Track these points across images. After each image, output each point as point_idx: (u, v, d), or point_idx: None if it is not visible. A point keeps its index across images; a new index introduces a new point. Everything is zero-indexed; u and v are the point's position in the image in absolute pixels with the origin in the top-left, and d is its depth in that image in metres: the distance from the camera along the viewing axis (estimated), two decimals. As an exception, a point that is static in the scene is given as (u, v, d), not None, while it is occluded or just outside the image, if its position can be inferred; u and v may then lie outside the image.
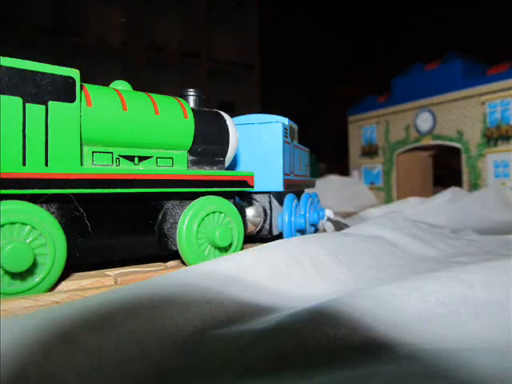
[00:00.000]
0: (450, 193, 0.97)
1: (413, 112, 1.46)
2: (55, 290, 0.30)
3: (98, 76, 1.90)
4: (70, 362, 0.17)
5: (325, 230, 0.63)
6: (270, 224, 0.48)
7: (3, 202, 0.26)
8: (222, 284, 0.27)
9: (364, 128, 1.68)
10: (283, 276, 0.32)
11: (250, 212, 0.47)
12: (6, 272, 0.26)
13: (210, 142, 0.39)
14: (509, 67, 1.19)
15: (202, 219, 0.36)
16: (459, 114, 1.31)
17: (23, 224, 0.26)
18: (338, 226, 0.62)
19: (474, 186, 1.25)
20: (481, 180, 1.25)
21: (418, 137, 1.46)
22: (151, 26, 2.03)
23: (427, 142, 1.43)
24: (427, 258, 0.45)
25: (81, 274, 0.34)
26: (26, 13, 1.68)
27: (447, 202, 0.90)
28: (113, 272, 0.35)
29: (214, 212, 0.37)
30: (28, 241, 0.26)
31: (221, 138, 0.40)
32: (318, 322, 0.22)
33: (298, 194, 0.61)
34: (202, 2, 2.12)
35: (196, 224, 0.35)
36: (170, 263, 0.40)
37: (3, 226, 0.25)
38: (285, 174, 0.50)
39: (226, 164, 0.41)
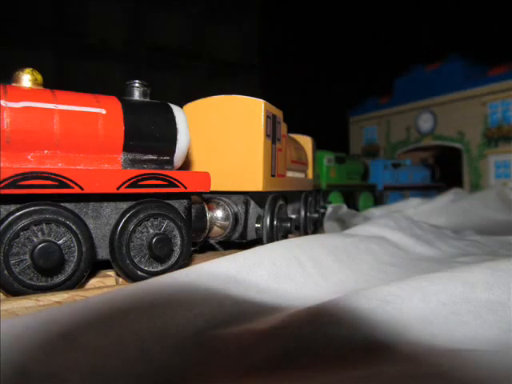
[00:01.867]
0: (452, 193, 0.97)
1: (414, 113, 1.46)
2: (56, 291, 0.30)
3: (98, 76, 1.91)
4: (71, 362, 0.17)
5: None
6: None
7: None
8: (223, 284, 0.27)
9: (365, 129, 1.68)
10: (284, 276, 0.32)
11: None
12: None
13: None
14: (509, 68, 1.19)
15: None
16: (460, 114, 1.31)
17: None
18: (342, 225, 0.62)
19: (475, 187, 1.25)
20: (482, 180, 1.25)
21: (418, 137, 1.46)
22: (152, 26, 2.03)
23: (428, 142, 1.43)
24: (428, 258, 0.45)
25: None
26: (26, 13, 1.69)
27: (449, 203, 0.90)
28: (114, 272, 0.35)
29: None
30: None
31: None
32: (319, 322, 0.22)
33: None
34: (202, 3, 2.12)
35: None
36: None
37: None
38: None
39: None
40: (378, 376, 0.17)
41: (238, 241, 0.45)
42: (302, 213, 0.60)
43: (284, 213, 0.51)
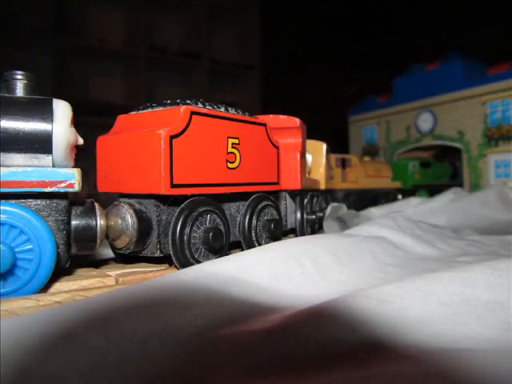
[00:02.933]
0: (452, 193, 0.97)
1: (413, 112, 1.46)
2: (57, 290, 0.30)
3: (99, 76, 1.91)
4: (71, 362, 0.17)
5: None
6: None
7: None
8: (223, 284, 0.27)
9: (365, 128, 1.68)
10: (284, 276, 0.32)
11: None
12: None
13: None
14: (509, 67, 1.19)
15: None
16: (460, 114, 1.31)
17: None
18: (342, 225, 0.62)
19: (475, 187, 1.25)
20: (482, 180, 1.25)
21: (418, 137, 1.46)
22: (152, 26, 2.03)
23: (428, 142, 1.43)
24: (428, 258, 0.45)
25: (82, 274, 0.34)
26: (26, 13, 1.69)
27: (448, 202, 0.90)
28: (114, 272, 0.35)
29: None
30: None
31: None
32: (319, 322, 0.22)
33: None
34: (202, 3, 2.12)
35: None
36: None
37: None
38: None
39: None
40: (378, 376, 0.17)
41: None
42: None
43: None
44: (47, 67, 1.76)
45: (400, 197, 1.14)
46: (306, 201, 0.59)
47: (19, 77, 0.31)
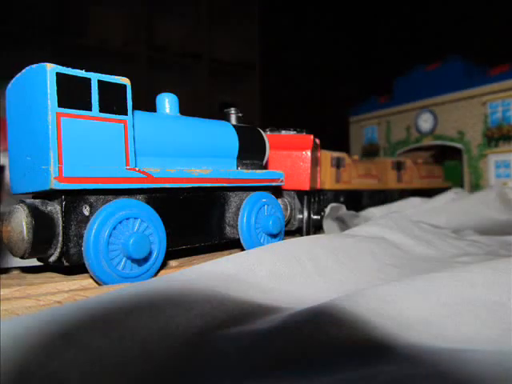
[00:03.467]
0: (452, 193, 0.97)
1: (414, 112, 1.46)
2: (56, 290, 0.30)
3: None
4: (71, 362, 0.17)
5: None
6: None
7: None
8: (223, 284, 0.27)
9: (365, 128, 1.68)
10: (284, 276, 0.32)
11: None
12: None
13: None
14: (510, 67, 1.19)
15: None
16: (460, 114, 1.31)
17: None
18: (342, 225, 0.62)
19: (476, 187, 1.25)
20: (482, 180, 1.25)
21: (418, 137, 1.46)
22: (152, 26, 2.03)
23: (428, 142, 1.43)
24: (428, 258, 0.45)
25: (82, 273, 0.34)
26: (26, 13, 1.69)
27: (448, 202, 0.90)
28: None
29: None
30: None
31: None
32: (319, 322, 0.22)
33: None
34: (202, 3, 2.12)
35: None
36: (172, 263, 0.40)
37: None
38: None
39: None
40: (378, 376, 0.17)
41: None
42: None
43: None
44: (47, 67, 1.75)
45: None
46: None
47: (232, 112, 0.50)
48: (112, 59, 1.97)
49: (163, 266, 0.37)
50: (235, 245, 0.46)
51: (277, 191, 0.53)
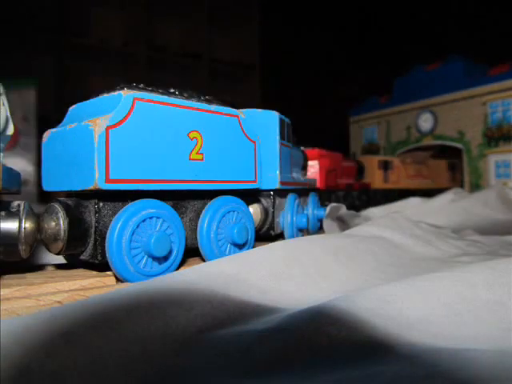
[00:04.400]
0: (452, 193, 0.97)
1: (414, 112, 1.46)
2: (56, 290, 0.30)
3: (99, 77, 1.91)
4: (71, 362, 0.17)
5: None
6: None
7: None
8: (224, 284, 0.27)
9: (365, 128, 1.68)
10: (284, 276, 0.32)
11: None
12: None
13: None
14: (510, 67, 1.19)
15: None
16: (460, 114, 1.31)
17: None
18: (342, 225, 0.62)
19: (476, 187, 1.25)
20: (482, 180, 1.25)
21: (419, 137, 1.46)
22: (152, 26, 2.03)
23: (428, 142, 1.43)
24: (428, 258, 0.45)
25: (82, 274, 0.34)
26: (27, 13, 1.69)
27: (449, 202, 0.90)
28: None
29: None
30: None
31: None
32: (319, 322, 0.22)
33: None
34: (202, 3, 2.12)
35: None
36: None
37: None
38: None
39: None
40: (378, 376, 0.17)
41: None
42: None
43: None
44: (47, 67, 1.76)
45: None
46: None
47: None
48: (112, 59, 1.97)
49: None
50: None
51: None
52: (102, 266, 0.33)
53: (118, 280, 0.33)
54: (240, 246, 0.42)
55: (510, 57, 1.22)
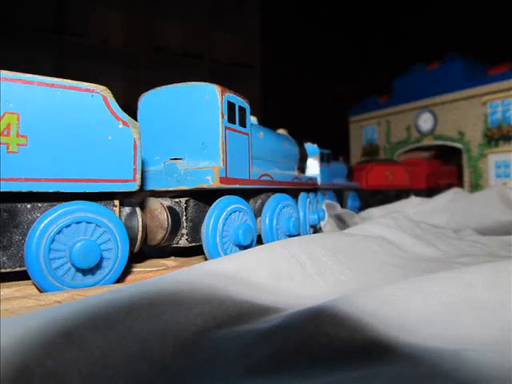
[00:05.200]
0: (452, 193, 0.97)
1: (414, 112, 1.46)
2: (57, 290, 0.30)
3: (99, 76, 1.91)
4: (71, 362, 0.17)
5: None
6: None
7: None
8: (224, 284, 0.27)
9: (365, 128, 1.68)
10: (284, 276, 0.31)
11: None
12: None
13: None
14: (510, 67, 1.19)
15: None
16: (460, 114, 1.31)
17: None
18: (342, 224, 0.62)
19: (476, 187, 1.25)
20: (482, 180, 1.25)
21: (419, 137, 1.46)
22: (152, 26, 2.03)
23: (428, 142, 1.43)
24: (429, 258, 0.45)
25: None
26: (27, 13, 1.69)
27: (449, 202, 0.90)
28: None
29: None
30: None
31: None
32: (319, 322, 0.22)
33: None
34: (202, 3, 2.12)
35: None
36: (171, 263, 0.40)
37: None
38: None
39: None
40: (378, 376, 0.17)
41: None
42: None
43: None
44: (47, 67, 1.76)
45: None
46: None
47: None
48: (112, 59, 1.97)
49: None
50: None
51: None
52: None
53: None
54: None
55: (509, 57, 1.22)
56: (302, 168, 0.67)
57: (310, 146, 0.73)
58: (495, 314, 0.25)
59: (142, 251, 0.45)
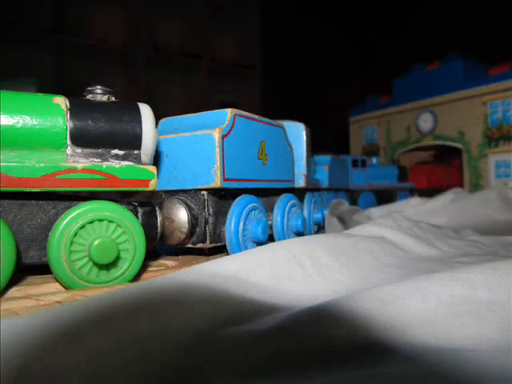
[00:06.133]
0: (452, 193, 0.97)
1: (414, 112, 1.46)
2: (57, 290, 0.30)
3: (99, 76, 1.91)
4: (71, 362, 0.17)
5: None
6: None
7: None
8: (224, 284, 0.27)
9: (365, 128, 1.68)
10: (284, 276, 0.32)
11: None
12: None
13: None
14: (510, 67, 1.19)
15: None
16: (460, 114, 1.31)
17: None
18: (342, 224, 0.62)
19: (476, 187, 1.25)
20: (482, 180, 1.25)
21: (419, 137, 1.46)
22: (152, 26, 2.03)
23: (428, 142, 1.43)
24: (429, 258, 0.45)
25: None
26: (27, 13, 1.69)
27: (449, 202, 0.90)
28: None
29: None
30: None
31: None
32: (319, 323, 0.22)
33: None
34: (202, 3, 2.12)
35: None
36: (171, 263, 0.40)
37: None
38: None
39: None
40: (378, 376, 0.17)
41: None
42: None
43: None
44: (47, 67, 1.76)
45: None
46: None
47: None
48: (112, 59, 1.97)
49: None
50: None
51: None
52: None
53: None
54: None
55: (510, 57, 1.22)
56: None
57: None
58: (495, 314, 0.25)
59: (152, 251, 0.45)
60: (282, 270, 0.32)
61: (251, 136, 0.46)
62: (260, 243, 0.44)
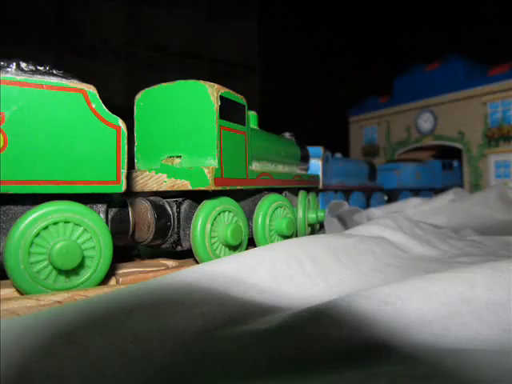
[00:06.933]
0: (452, 193, 0.97)
1: (414, 112, 1.46)
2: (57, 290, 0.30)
3: (99, 76, 1.91)
4: (71, 362, 0.17)
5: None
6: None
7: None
8: (224, 284, 0.27)
9: (365, 128, 1.68)
10: (284, 277, 0.32)
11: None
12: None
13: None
14: (510, 67, 1.19)
15: None
16: (460, 114, 1.31)
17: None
18: (342, 224, 0.62)
19: (476, 187, 1.25)
20: (482, 180, 1.25)
21: (419, 137, 1.46)
22: (152, 26, 2.03)
23: (428, 142, 1.43)
24: (429, 258, 0.45)
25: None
26: (27, 13, 1.69)
27: (449, 202, 0.90)
28: (114, 272, 0.35)
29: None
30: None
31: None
32: (319, 323, 0.22)
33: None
34: (202, 2, 2.12)
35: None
36: (171, 263, 0.40)
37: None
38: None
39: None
40: (378, 376, 0.17)
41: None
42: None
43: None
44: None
45: None
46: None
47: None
48: (112, 59, 1.97)
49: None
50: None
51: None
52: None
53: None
54: None
55: (509, 57, 1.22)
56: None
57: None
58: (495, 314, 0.25)
59: (149, 252, 0.45)
60: (281, 271, 0.32)
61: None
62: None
